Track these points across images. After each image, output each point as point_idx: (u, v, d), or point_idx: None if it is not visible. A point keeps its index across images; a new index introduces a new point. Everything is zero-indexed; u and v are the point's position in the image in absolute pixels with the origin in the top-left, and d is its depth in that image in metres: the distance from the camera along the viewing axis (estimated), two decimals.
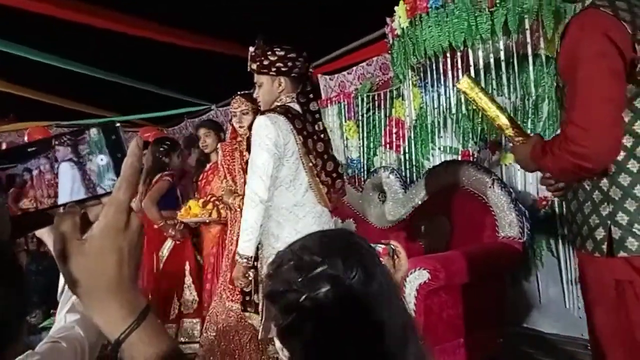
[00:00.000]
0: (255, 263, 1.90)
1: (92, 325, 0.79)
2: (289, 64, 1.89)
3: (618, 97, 1.20)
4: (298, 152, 1.86)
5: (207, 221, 2.85)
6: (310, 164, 1.87)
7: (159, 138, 3.66)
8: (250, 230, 1.78)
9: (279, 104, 1.91)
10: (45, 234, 0.81)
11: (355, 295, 0.72)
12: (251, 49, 1.93)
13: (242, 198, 2.27)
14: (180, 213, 2.91)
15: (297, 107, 1.93)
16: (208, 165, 3.10)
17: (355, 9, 3.65)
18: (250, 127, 2.43)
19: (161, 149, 3.19)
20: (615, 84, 1.19)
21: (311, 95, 2.00)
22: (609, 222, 1.25)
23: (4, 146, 5.11)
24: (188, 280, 3.02)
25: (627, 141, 1.23)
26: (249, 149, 1.91)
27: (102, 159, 0.53)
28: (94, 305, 0.49)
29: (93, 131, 0.53)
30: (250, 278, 1.94)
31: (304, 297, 0.72)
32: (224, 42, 4.43)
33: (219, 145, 2.67)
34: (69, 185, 0.53)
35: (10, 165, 0.52)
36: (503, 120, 1.50)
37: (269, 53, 1.89)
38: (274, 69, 1.89)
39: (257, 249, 1.86)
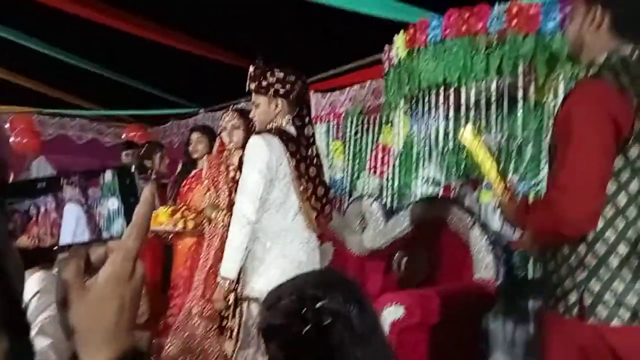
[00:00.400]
0: (236, 286, 1.87)
1: (65, 350, 0.78)
2: (287, 86, 1.88)
3: (605, 171, 1.23)
4: (290, 175, 1.86)
5: (172, 231, 2.79)
6: (302, 188, 1.87)
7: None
8: (236, 252, 1.76)
9: (274, 125, 1.90)
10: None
11: (354, 326, 0.79)
12: (251, 68, 1.92)
13: (225, 213, 2.25)
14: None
15: (292, 129, 1.93)
16: (193, 172, 3.06)
17: (356, 31, 3.67)
18: (241, 144, 2.42)
19: (141, 152, 3.15)
20: (604, 160, 1.22)
21: (307, 119, 1.99)
22: (582, 287, 1.26)
23: None
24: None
25: (608, 211, 1.25)
26: (240, 167, 1.89)
27: (113, 203, 0.52)
28: (87, 351, 0.49)
29: (108, 174, 0.51)
30: (230, 302, 1.91)
31: (308, 327, 0.76)
32: (219, 49, 4.41)
33: (205, 157, 2.64)
34: (72, 227, 0.51)
35: (18, 199, 0.51)
36: (495, 176, 1.52)
37: (268, 74, 1.88)
38: (272, 91, 1.88)
39: (239, 272, 1.83)
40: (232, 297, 1.91)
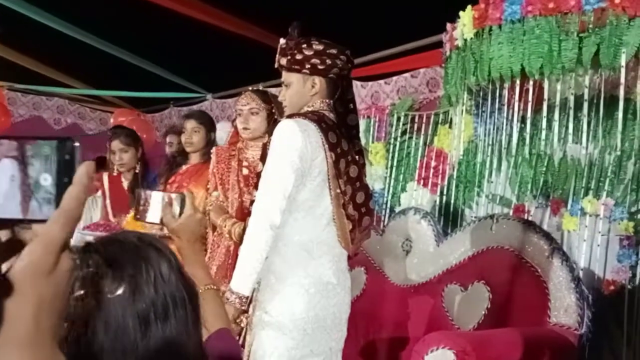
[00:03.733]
0: (249, 306, 1.89)
1: None
2: (328, 61, 1.92)
3: None
4: (326, 174, 1.87)
5: (157, 235, 2.84)
6: (338, 191, 1.88)
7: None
8: (252, 261, 1.78)
9: (310, 109, 1.93)
10: None
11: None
12: (282, 40, 1.96)
13: (235, 222, 2.28)
14: (126, 220, 2.91)
15: (332, 116, 1.95)
16: (184, 167, 3.11)
17: (409, 6, 3.70)
18: (260, 133, 2.47)
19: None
20: None
21: (351, 105, 2.02)
22: None
23: None
24: None
25: None
26: (263, 159, 1.92)
27: (45, 179, 0.54)
28: None
29: (46, 144, 0.55)
30: (242, 325, 1.93)
31: None
32: (237, 21, 4.49)
33: (213, 150, 2.69)
34: (5, 187, 0.55)
35: None
36: None
37: (304, 46, 1.92)
38: (307, 66, 1.92)
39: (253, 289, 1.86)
40: (244, 319, 1.93)
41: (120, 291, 0.82)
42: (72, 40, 5.04)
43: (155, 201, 1.31)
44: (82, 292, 0.80)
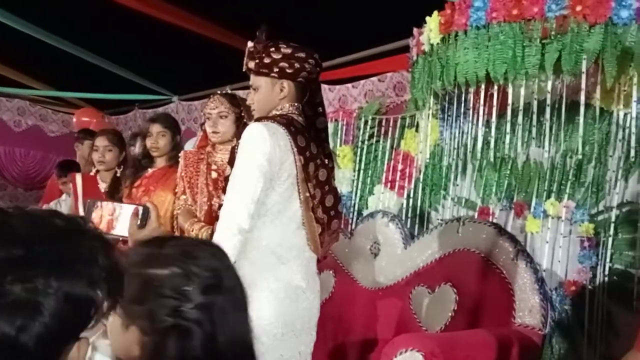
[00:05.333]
0: None
1: None
2: (296, 65, 1.92)
3: None
4: (295, 177, 1.87)
5: (121, 239, 2.79)
6: (307, 194, 1.88)
7: None
8: None
9: (279, 112, 1.93)
10: None
11: None
12: (250, 43, 1.95)
13: (203, 227, 2.25)
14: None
15: (300, 119, 1.95)
16: (150, 171, 3.07)
17: (376, 9, 3.72)
18: (228, 137, 2.44)
19: None
20: None
21: (320, 109, 2.02)
22: None
23: None
24: None
25: None
26: (231, 163, 1.91)
27: None
28: None
29: None
30: None
31: None
32: (203, 23, 4.45)
33: (181, 153, 2.65)
34: None
35: None
36: None
37: (272, 50, 1.91)
38: (276, 70, 1.91)
39: None
40: None
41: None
42: (34, 40, 4.92)
43: (126, 214, 1.29)
44: (205, 299, 0.97)
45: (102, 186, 3.46)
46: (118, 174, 3.41)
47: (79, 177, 3.51)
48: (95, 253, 0.80)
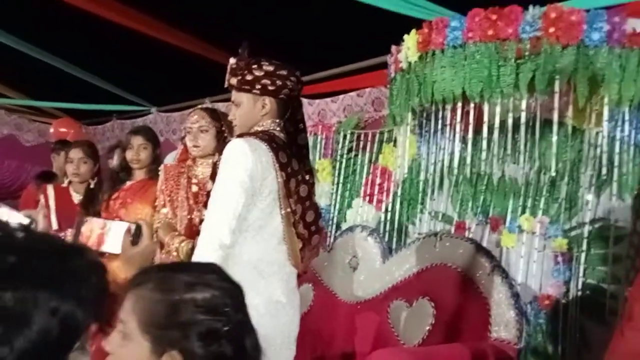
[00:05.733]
0: None
1: None
2: (278, 82, 1.94)
3: None
4: (277, 193, 1.88)
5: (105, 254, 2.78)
6: (289, 210, 1.90)
7: None
8: None
9: (260, 129, 1.95)
10: None
11: None
12: (232, 60, 1.97)
13: (183, 240, 2.25)
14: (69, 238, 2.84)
15: (282, 136, 1.97)
16: (128, 183, 3.06)
17: (355, 26, 3.77)
18: (208, 151, 2.45)
19: None
20: None
21: (301, 125, 2.05)
22: None
23: None
24: None
25: None
26: (213, 178, 1.92)
27: None
28: None
29: None
30: None
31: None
32: (182, 35, 4.46)
33: (161, 167, 2.65)
34: None
35: None
36: None
37: (255, 67, 1.93)
38: (258, 87, 1.93)
39: None
40: None
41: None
42: (11, 50, 4.87)
43: (115, 231, 1.30)
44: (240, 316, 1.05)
45: (76, 197, 3.43)
46: (92, 186, 3.39)
47: (50, 189, 3.48)
48: (87, 274, 0.81)
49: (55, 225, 3.36)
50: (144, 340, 1.02)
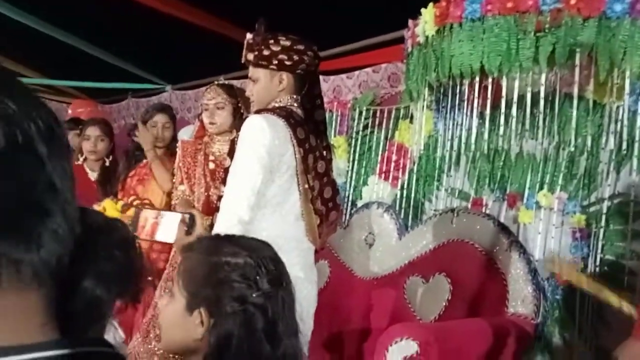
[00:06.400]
0: None
1: None
2: (295, 57, 1.93)
3: None
4: (295, 169, 1.88)
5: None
6: (306, 186, 1.90)
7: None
8: None
9: (278, 105, 1.94)
10: None
11: None
12: (249, 35, 1.96)
13: (202, 217, 2.27)
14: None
15: (299, 112, 1.96)
16: (145, 160, 3.09)
17: (372, 1, 3.72)
18: (225, 128, 2.46)
19: None
20: None
21: (318, 101, 2.04)
22: None
23: None
24: None
25: None
26: (231, 155, 1.92)
27: None
28: None
29: None
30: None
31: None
32: (197, 12, 4.44)
33: (179, 143, 2.67)
34: None
35: None
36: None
37: (271, 42, 1.92)
38: (275, 62, 1.93)
39: None
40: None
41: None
42: (26, 28, 4.88)
43: (168, 221, 1.36)
44: (271, 287, 1.10)
45: (91, 175, 3.46)
46: (107, 164, 3.41)
47: None
48: (113, 250, 0.82)
49: None
50: (182, 297, 1.10)
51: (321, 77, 4.16)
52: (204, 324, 1.08)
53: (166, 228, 1.36)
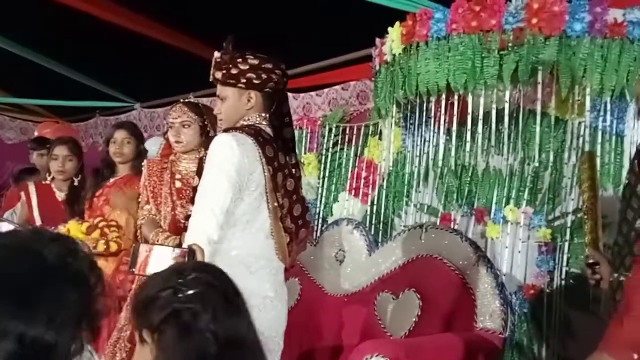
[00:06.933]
0: None
1: None
2: (263, 75, 1.93)
3: None
4: (264, 187, 1.88)
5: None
6: (276, 204, 1.90)
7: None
8: None
9: (246, 123, 1.94)
10: None
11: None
12: (216, 53, 1.96)
13: (169, 237, 2.24)
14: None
15: (268, 130, 1.96)
16: (112, 180, 3.04)
17: (339, 19, 3.76)
18: (192, 146, 2.43)
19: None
20: None
21: (287, 119, 2.04)
22: None
23: None
24: None
25: None
26: (199, 174, 1.90)
27: None
28: None
29: None
30: None
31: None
32: (166, 30, 4.43)
33: (144, 162, 2.63)
34: None
35: None
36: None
37: (239, 61, 1.92)
38: (243, 80, 1.93)
39: None
40: None
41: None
42: None
43: (158, 254, 1.35)
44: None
45: (59, 195, 3.40)
46: (76, 183, 3.36)
47: (32, 186, 3.44)
48: (64, 293, 0.78)
49: (39, 223, 3.32)
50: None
51: (291, 95, 4.20)
52: (151, 343, 1.10)
53: (157, 261, 1.34)
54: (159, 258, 1.34)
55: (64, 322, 0.78)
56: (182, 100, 2.61)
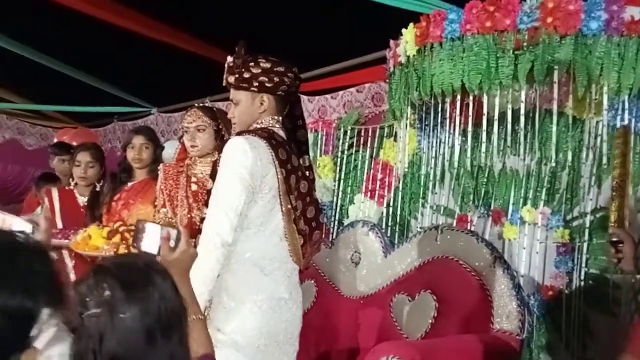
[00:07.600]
0: None
1: None
2: (276, 79, 1.94)
3: None
4: (278, 190, 1.89)
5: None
6: (289, 207, 1.90)
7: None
8: (203, 281, 1.76)
9: (260, 126, 1.95)
10: None
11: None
12: (229, 58, 1.98)
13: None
14: (74, 241, 2.85)
15: (281, 133, 1.97)
16: (130, 184, 3.07)
17: (354, 22, 3.77)
18: (207, 151, 2.45)
19: None
20: None
21: (300, 121, 2.05)
22: None
23: None
24: None
25: None
26: (213, 177, 1.92)
27: None
28: None
29: None
30: None
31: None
32: (182, 36, 4.47)
33: (161, 167, 2.66)
34: None
35: None
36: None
37: (252, 65, 1.94)
38: (256, 84, 1.94)
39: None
40: None
41: (131, 312, 0.97)
42: (11, 54, 4.89)
43: (151, 232, 1.37)
44: (97, 310, 0.95)
45: (81, 200, 3.44)
46: (98, 189, 3.39)
47: (55, 192, 3.49)
48: (31, 264, 0.88)
49: (60, 227, 3.36)
50: None
51: (306, 98, 4.22)
52: None
53: (149, 239, 1.37)
54: (151, 236, 1.36)
55: (37, 289, 0.88)
56: (196, 105, 2.63)
